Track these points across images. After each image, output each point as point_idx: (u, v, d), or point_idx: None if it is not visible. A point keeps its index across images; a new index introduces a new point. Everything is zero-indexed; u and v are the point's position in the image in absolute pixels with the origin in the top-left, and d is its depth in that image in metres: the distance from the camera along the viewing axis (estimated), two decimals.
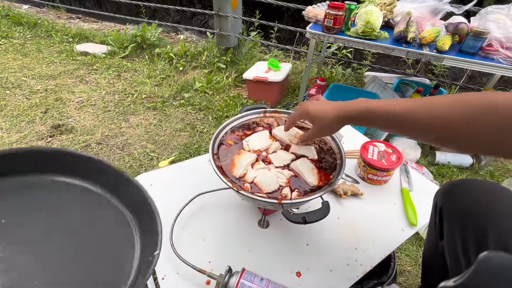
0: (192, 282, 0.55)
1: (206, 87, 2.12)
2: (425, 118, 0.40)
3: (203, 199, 0.69)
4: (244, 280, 0.48)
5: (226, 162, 0.63)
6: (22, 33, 2.95)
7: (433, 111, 0.39)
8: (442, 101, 0.39)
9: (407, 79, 1.82)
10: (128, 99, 1.96)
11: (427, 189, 0.82)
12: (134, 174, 1.35)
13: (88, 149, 1.50)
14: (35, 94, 1.93)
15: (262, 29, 2.64)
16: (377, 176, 0.79)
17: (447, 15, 1.34)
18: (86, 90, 2.03)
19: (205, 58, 2.40)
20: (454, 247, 0.50)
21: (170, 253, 0.56)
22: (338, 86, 1.79)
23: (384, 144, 0.84)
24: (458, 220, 0.50)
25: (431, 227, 0.63)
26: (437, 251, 0.58)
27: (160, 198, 0.72)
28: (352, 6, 1.35)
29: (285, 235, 0.65)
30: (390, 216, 0.73)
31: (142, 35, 2.61)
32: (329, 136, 0.71)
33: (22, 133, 1.57)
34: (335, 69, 2.42)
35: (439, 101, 0.39)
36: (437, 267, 0.61)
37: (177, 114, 1.85)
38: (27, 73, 2.19)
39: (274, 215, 0.69)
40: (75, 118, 1.73)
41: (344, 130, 0.99)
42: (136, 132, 1.66)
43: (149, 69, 2.34)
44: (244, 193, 0.53)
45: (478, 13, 1.25)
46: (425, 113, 0.40)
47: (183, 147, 1.56)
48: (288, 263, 0.59)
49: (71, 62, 2.42)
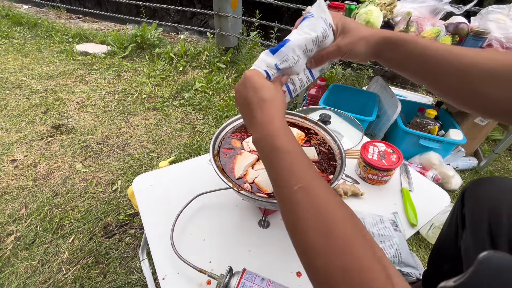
0: (193, 282, 0.55)
1: (206, 87, 2.12)
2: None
3: (203, 199, 0.69)
4: (245, 280, 0.48)
5: (226, 162, 0.63)
6: (22, 33, 2.95)
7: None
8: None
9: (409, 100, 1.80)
10: (128, 99, 1.96)
11: (427, 189, 0.82)
12: (134, 174, 1.35)
13: (88, 149, 1.50)
14: (35, 94, 1.94)
15: (262, 29, 2.64)
16: (377, 176, 0.79)
17: (447, 15, 1.34)
18: (86, 90, 2.03)
19: (205, 58, 2.40)
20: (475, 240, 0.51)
21: (171, 253, 0.56)
22: (338, 86, 1.79)
23: (384, 144, 0.84)
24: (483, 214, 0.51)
25: (453, 216, 0.63)
26: (455, 242, 0.59)
27: (160, 198, 0.72)
28: (352, 6, 1.35)
29: (286, 235, 0.65)
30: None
31: (142, 35, 2.61)
32: (329, 136, 0.71)
33: (22, 133, 1.57)
34: (335, 69, 2.42)
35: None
36: (448, 256, 0.63)
37: (177, 114, 1.85)
38: (27, 73, 2.19)
39: (274, 215, 0.69)
40: (75, 118, 1.73)
41: (344, 130, 0.99)
42: (136, 132, 1.66)
43: (149, 69, 2.34)
44: (244, 193, 0.53)
45: (478, 13, 1.25)
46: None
47: (183, 147, 1.56)
48: (288, 263, 0.59)
49: (71, 62, 2.42)
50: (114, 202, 1.21)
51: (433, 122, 1.46)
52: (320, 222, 0.31)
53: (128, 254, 1.03)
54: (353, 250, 0.28)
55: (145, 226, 0.65)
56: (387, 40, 0.43)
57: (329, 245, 0.29)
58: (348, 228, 0.30)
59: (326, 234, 0.30)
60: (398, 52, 0.42)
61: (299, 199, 0.33)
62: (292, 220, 0.34)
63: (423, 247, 1.11)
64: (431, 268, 0.70)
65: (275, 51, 0.46)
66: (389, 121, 1.45)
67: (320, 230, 0.30)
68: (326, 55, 0.48)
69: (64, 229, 1.10)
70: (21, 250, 1.02)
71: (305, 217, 0.32)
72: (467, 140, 1.36)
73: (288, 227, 0.35)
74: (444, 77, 0.39)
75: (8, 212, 1.15)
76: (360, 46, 0.45)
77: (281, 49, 0.45)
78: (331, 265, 0.28)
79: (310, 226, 0.31)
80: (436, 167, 1.39)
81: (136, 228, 1.11)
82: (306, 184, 0.34)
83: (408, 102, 1.73)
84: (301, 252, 0.32)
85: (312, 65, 0.49)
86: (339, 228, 0.30)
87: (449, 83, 0.39)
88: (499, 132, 1.84)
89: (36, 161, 1.40)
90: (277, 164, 0.37)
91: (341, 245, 0.29)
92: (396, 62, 0.44)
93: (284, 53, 0.45)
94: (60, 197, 1.23)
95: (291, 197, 0.34)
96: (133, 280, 0.95)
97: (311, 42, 0.46)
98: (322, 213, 0.31)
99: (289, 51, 0.45)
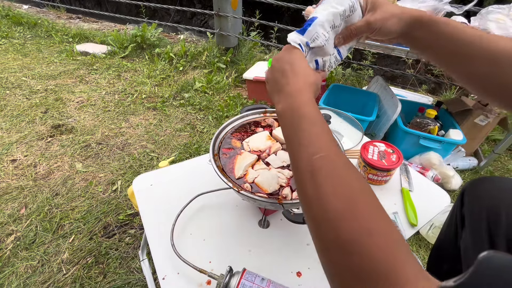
0: (193, 282, 0.55)
1: (206, 87, 2.12)
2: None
3: (203, 199, 0.69)
4: (245, 280, 0.48)
5: (226, 162, 0.63)
6: (22, 33, 2.95)
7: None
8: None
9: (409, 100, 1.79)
10: (128, 99, 1.96)
11: (427, 189, 0.82)
12: (134, 174, 1.35)
13: (88, 149, 1.50)
14: (35, 94, 1.94)
15: (262, 29, 2.64)
16: (377, 176, 0.79)
17: (447, 15, 1.34)
18: (86, 90, 2.03)
19: (205, 58, 2.40)
20: (474, 239, 0.51)
21: (171, 253, 0.56)
22: (338, 86, 1.79)
23: (384, 144, 0.84)
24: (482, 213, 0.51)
25: (452, 216, 0.63)
26: (454, 242, 0.59)
27: (160, 198, 0.72)
28: None
29: (286, 235, 0.65)
30: (390, 216, 0.73)
31: (142, 35, 2.61)
32: None
33: (22, 133, 1.57)
34: (335, 69, 2.42)
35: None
36: (448, 256, 0.63)
37: (177, 114, 1.85)
38: (27, 73, 2.19)
39: (274, 215, 0.69)
40: (75, 118, 1.73)
41: (344, 130, 0.99)
42: (136, 132, 1.66)
43: (149, 69, 2.34)
44: (244, 193, 0.53)
45: (478, 13, 1.25)
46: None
47: (183, 147, 1.56)
48: (288, 263, 0.59)
49: (71, 62, 2.42)
50: (114, 202, 1.21)
51: (433, 122, 1.46)
52: (343, 188, 0.30)
53: (128, 254, 1.03)
54: (378, 215, 0.28)
55: (145, 226, 0.65)
56: (419, 19, 0.42)
57: (352, 210, 0.28)
58: (371, 198, 0.30)
59: (349, 200, 0.29)
60: (429, 31, 0.41)
61: (321, 166, 0.32)
62: (312, 188, 0.32)
63: (423, 247, 1.11)
64: (431, 268, 0.70)
65: (304, 31, 0.43)
66: (389, 121, 1.45)
67: (343, 195, 0.29)
68: (355, 31, 0.45)
69: (64, 229, 1.10)
70: (21, 250, 1.02)
71: (328, 183, 0.31)
72: (467, 140, 1.36)
73: (304, 199, 0.33)
74: (472, 61, 0.38)
75: (8, 212, 1.15)
76: (392, 23, 0.43)
77: (309, 28, 0.43)
78: (357, 227, 0.27)
79: (332, 192, 0.30)
80: (436, 167, 1.39)
81: (136, 228, 1.11)
82: (329, 154, 0.33)
83: (408, 102, 1.73)
84: (320, 220, 0.30)
85: (340, 42, 0.47)
86: (361, 196, 0.30)
87: (476, 69, 0.38)
88: (499, 132, 1.84)
89: (36, 161, 1.40)
90: (300, 132, 0.36)
91: (366, 210, 0.28)
92: (424, 42, 0.42)
93: (313, 31, 0.43)
94: (60, 197, 1.23)
95: (313, 164, 0.33)
96: (133, 280, 0.95)
97: (338, 17, 0.43)
98: (345, 181, 0.31)
99: (318, 28, 0.43)
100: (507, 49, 0.35)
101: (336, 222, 0.28)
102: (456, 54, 0.40)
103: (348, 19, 0.45)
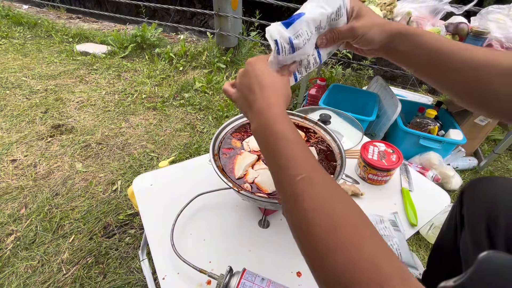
0: (193, 282, 0.55)
1: (206, 87, 2.12)
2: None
3: (203, 199, 0.69)
4: (245, 280, 0.48)
5: (226, 162, 0.63)
6: (22, 33, 2.95)
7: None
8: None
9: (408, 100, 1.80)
10: (128, 99, 1.96)
11: (427, 189, 0.82)
12: (134, 174, 1.35)
13: (88, 149, 1.50)
14: (35, 94, 1.94)
15: (262, 29, 2.64)
16: (377, 176, 0.79)
17: (447, 15, 1.34)
18: (86, 90, 2.03)
19: (205, 58, 2.40)
20: (473, 240, 0.51)
21: (171, 253, 0.56)
22: (338, 86, 1.79)
23: (384, 144, 0.84)
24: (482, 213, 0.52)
25: (452, 216, 0.63)
26: (454, 242, 0.59)
27: (160, 198, 0.72)
28: None
29: (286, 235, 0.65)
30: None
31: (142, 35, 2.61)
32: (329, 136, 0.71)
33: (22, 133, 1.57)
34: (335, 69, 2.42)
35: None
36: (448, 256, 0.63)
37: (177, 114, 1.85)
38: (27, 73, 2.19)
39: (274, 215, 0.69)
40: (75, 118, 1.73)
41: (344, 130, 0.99)
42: (136, 132, 1.66)
43: (149, 69, 2.34)
44: (244, 193, 0.53)
45: (478, 13, 1.25)
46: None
47: (183, 147, 1.56)
48: (288, 263, 0.59)
49: (71, 62, 2.42)
50: (114, 202, 1.21)
51: (433, 122, 1.46)
52: (326, 217, 0.30)
53: (128, 254, 1.03)
54: (362, 243, 0.27)
55: (145, 226, 0.65)
56: (399, 32, 0.42)
57: (335, 242, 0.28)
58: (355, 219, 0.30)
59: (332, 230, 0.29)
60: (409, 43, 0.42)
61: (303, 191, 0.32)
62: (296, 215, 0.32)
63: (423, 247, 1.11)
64: (430, 268, 0.70)
65: (289, 25, 0.41)
66: (389, 121, 1.45)
67: (326, 226, 0.29)
68: (338, 35, 0.45)
69: (64, 229, 1.10)
70: (21, 250, 1.02)
71: (309, 212, 0.31)
72: (467, 140, 1.36)
73: (291, 223, 0.33)
74: (454, 72, 0.39)
75: (8, 212, 1.15)
76: (374, 32, 0.43)
77: (295, 23, 0.41)
78: (341, 260, 0.27)
79: (317, 224, 0.30)
80: (436, 167, 1.39)
81: (136, 228, 1.12)
82: (308, 175, 0.33)
83: (408, 102, 1.73)
84: (305, 245, 0.31)
85: (322, 43, 0.46)
86: (346, 221, 0.29)
87: (458, 79, 0.39)
88: (499, 132, 1.84)
89: (36, 161, 1.40)
90: (277, 153, 0.36)
91: (349, 240, 0.28)
92: (405, 54, 0.43)
93: (298, 27, 0.41)
94: (60, 197, 1.23)
95: (295, 188, 0.33)
96: (133, 280, 0.95)
97: (325, 19, 0.43)
98: (327, 206, 0.31)
99: (303, 25, 0.42)
100: (486, 59, 0.36)
101: (321, 254, 0.29)
102: (437, 65, 0.40)
103: (333, 23, 0.44)
